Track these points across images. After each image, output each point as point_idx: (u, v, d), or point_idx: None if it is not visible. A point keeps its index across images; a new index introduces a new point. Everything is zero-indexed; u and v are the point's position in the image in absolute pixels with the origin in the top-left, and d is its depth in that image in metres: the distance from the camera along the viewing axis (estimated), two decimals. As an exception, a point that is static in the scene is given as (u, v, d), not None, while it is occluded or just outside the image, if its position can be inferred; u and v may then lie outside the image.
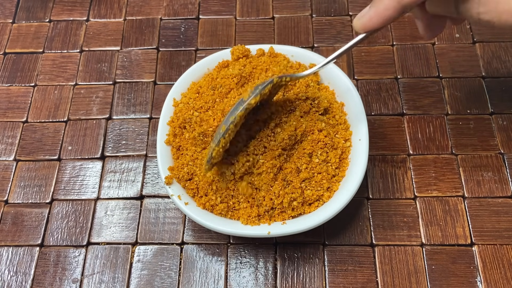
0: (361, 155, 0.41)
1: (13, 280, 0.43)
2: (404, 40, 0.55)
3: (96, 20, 0.59)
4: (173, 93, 0.46)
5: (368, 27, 0.34)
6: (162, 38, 0.57)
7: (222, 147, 0.37)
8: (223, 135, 0.37)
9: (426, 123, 0.49)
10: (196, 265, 0.43)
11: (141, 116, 0.52)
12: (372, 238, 0.43)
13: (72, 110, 0.52)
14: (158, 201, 0.46)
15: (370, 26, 0.34)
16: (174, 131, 0.43)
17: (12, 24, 0.59)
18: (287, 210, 0.40)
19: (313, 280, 0.42)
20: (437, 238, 0.43)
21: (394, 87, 0.52)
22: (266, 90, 0.38)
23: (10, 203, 0.47)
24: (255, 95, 0.37)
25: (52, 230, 0.45)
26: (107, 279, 0.43)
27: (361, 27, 0.35)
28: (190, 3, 0.59)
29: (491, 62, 0.53)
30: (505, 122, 0.49)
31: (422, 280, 0.41)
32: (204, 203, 0.40)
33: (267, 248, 0.44)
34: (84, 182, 0.48)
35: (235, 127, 0.37)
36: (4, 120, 0.52)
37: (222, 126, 0.37)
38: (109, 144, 0.50)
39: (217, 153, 0.37)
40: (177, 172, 0.41)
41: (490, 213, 0.44)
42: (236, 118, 0.37)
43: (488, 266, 0.42)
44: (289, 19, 0.57)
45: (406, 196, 0.45)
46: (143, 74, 0.54)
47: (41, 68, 0.55)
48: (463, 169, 0.46)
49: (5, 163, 0.49)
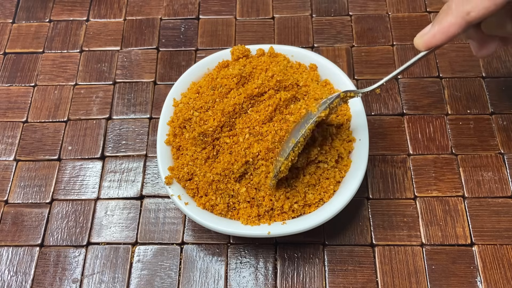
0: (361, 155, 0.41)
1: (13, 280, 0.43)
2: (404, 40, 0.55)
3: (96, 20, 0.59)
4: (173, 93, 0.46)
5: (431, 44, 0.35)
6: (162, 38, 0.57)
7: (291, 160, 0.37)
8: (292, 149, 0.37)
9: (426, 123, 0.49)
10: (196, 265, 0.43)
11: (141, 116, 0.52)
12: (372, 238, 0.43)
13: (72, 110, 0.52)
14: (158, 201, 0.46)
15: (434, 43, 0.34)
16: (174, 131, 0.43)
17: (12, 24, 0.59)
18: (288, 211, 0.40)
19: (313, 280, 0.42)
20: (437, 238, 0.43)
21: (394, 87, 0.52)
22: (334, 104, 0.38)
23: (10, 203, 0.47)
24: (324, 108, 0.38)
25: (52, 230, 0.45)
26: (107, 279, 0.43)
27: (424, 45, 0.35)
28: (190, 3, 0.59)
29: (491, 62, 0.53)
30: (505, 122, 0.49)
31: (422, 280, 0.41)
32: (204, 203, 0.40)
33: (267, 248, 0.44)
34: (84, 182, 0.48)
35: (304, 140, 0.37)
36: (4, 120, 0.52)
37: (291, 139, 0.38)
38: (109, 144, 0.50)
39: (285, 166, 0.37)
40: (177, 172, 0.41)
41: (490, 213, 0.44)
42: (306, 131, 0.37)
43: (488, 266, 0.42)
44: (289, 19, 0.57)
45: (406, 196, 0.45)
46: (143, 74, 0.54)
47: (41, 68, 0.55)
48: (463, 169, 0.46)
49: (5, 163, 0.49)
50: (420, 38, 0.35)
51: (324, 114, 0.38)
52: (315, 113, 0.38)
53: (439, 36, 0.34)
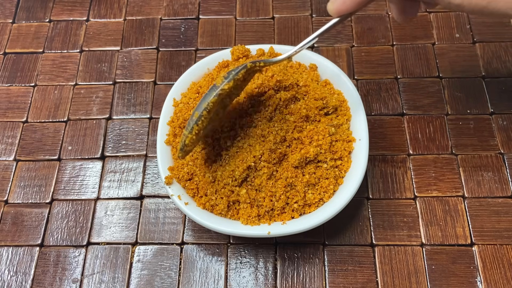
0: (361, 155, 0.41)
1: (13, 280, 0.43)
2: (404, 40, 0.55)
3: (96, 20, 0.59)
4: (173, 93, 0.46)
5: (342, 10, 0.35)
6: (162, 38, 0.57)
7: (196, 134, 0.37)
8: (196, 122, 0.36)
9: (426, 123, 0.49)
10: (196, 265, 0.43)
11: (141, 116, 0.52)
12: (372, 238, 0.43)
13: (72, 110, 0.52)
14: (158, 201, 0.46)
15: (344, 9, 0.35)
16: (174, 131, 0.43)
17: (12, 24, 0.59)
18: (288, 211, 0.40)
19: (313, 280, 0.42)
20: (437, 238, 0.43)
21: (394, 87, 0.52)
22: (240, 76, 0.37)
23: (10, 203, 0.47)
24: (228, 81, 0.37)
25: (52, 230, 0.45)
26: (107, 279, 0.43)
27: (335, 11, 0.35)
28: (190, 3, 0.59)
29: (491, 62, 0.53)
30: (505, 122, 0.49)
31: (422, 280, 0.41)
32: (204, 203, 0.40)
33: (267, 248, 0.44)
34: (84, 182, 0.48)
35: (208, 113, 0.37)
36: (4, 120, 0.52)
37: (195, 112, 0.37)
38: (109, 144, 0.50)
39: (190, 140, 0.37)
40: (177, 172, 0.41)
41: (490, 213, 0.44)
42: (209, 105, 0.36)
43: (488, 266, 0.42)
44: (289, 19, 0.57)
45: (406, 196, 0.45)
46: (143, 74, 0.54)
47: (41, 68, 0.55)
48: (463, 169, 0.46)
49: (5, 163, 0.49)
50: (332, 4, 0.35)
51: (228, 87, 0.37)
52: (219, 85, 0.37)
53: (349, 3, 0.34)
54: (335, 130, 0.42)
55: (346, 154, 0.41)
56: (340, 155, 0.41)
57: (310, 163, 0.40)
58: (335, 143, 0.41)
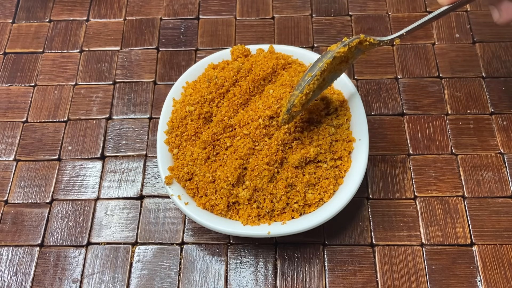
0: (361, 155, 0.41)
1: (13, 280, 0.43)
2: (404, 40, 0.55)
3: (96, 20, 0.59)
4: (173, 93, 0.46)
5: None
6: (162, 38, 0.57)
7: (306, 94, 0.36)
8: (308, 82, 0.36)
9: (426, 123, 0.49)
10: (196, 265, 0.43)
11: (141, 116, 0.52)
12: (372, 238, 0.43)
13: (72, 110, 0.52)
14: (158, 201, 0.46)
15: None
16: (174, 131, 0.43)
17: (12, 24, 0.59)
18: (288, 211, 0.40)
19: (313, 280, 0.42)
20: (437, 238, 0.43)
21: (394, 87, 0.52)
22: (354, 43, 0.37)
23: (10, 203, 0.47)
24: (343, 45, 0.37)
25: (52, 230, 0.45)
26: (107, 279, 0.43)
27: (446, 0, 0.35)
28: (190, 3, 0.59)
29: (491, 62, 0.53)
30: (505, 122, 0.49)
31: (422, 280, 0.41)
32: (204, 203, 0.40)
33: (267, 248, 0.44)
34: (84, 182, 0.48)
35: (321, 74, 0.36)
36: (4, 120, 0.52)
37: (307, 73, 0.37)
38: (109, 144, 0.50)
39: (299, 100, 0.36)
40: (177, 172, 0.41)
41: (490, 213, 0.44)
42: (324, 65, 0.36)
43: (488, 266, 0.42)
44: (289, 19, 0.57)
45: (406, 196, 0.45)
46: (143, 74, 0.54)
47: (41, 68, 0.55)
48: (463, 169, 0.46)
49: (5, 163, 0.49)
50: None
51: (343, 50, 0.37)
52: (334, 49, 0.37)
53: None
54: (335, 130, 0.42)
55: (346, 154, 0.41)
56: (340, 155, 0.41)
57: (310, 163, 0.40)
58: (335, 143, 0.41)
